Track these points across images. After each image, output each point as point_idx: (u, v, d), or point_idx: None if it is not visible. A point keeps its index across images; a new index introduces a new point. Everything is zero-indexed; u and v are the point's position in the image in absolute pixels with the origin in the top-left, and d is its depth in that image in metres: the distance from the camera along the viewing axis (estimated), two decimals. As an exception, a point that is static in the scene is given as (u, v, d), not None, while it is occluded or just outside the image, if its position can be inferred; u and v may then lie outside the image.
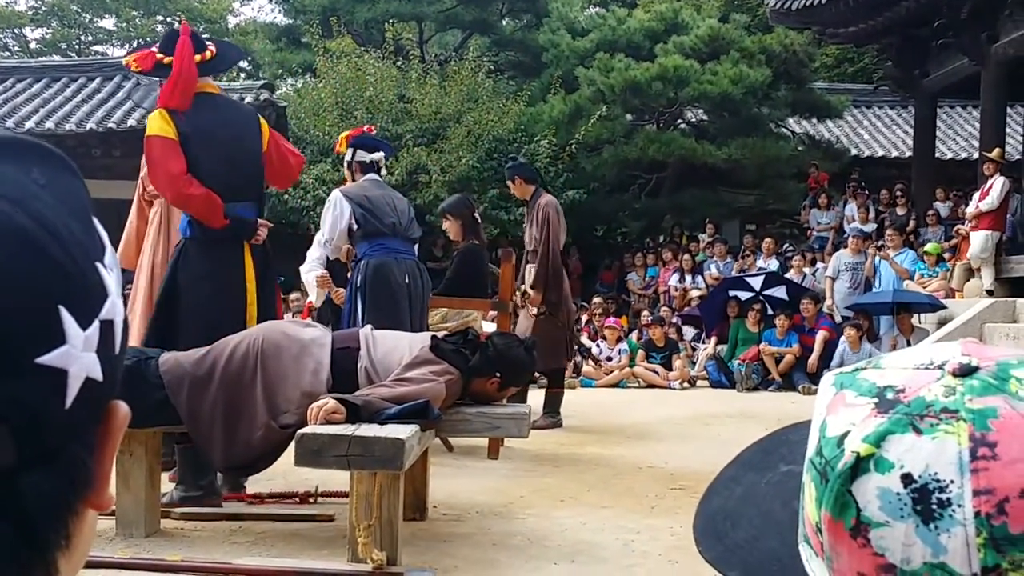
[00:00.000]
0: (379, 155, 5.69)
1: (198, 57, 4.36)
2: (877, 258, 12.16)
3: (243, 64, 26.79)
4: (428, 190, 13.81)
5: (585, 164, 15.65)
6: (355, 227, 5.31)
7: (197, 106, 4.34)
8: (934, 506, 0.55)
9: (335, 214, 5.34)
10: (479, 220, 6.92)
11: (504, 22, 20.06)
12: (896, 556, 0.56)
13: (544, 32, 17.77)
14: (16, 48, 27.84)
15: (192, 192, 4.26)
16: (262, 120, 4.70)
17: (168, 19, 28.01)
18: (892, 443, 0.57)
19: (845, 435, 0.59)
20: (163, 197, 4.78)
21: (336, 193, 5.49)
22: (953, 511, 0.55)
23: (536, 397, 6.84)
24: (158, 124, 4.29)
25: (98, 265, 0.49)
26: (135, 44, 27.13)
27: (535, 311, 7.07)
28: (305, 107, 15.89)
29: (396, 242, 5.39)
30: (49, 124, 14.54)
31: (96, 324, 0.48)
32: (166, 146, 4.26)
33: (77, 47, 27.40)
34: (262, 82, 16.69)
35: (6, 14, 27.24)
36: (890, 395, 0.59)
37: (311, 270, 5.48)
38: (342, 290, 5.74)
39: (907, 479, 0.56)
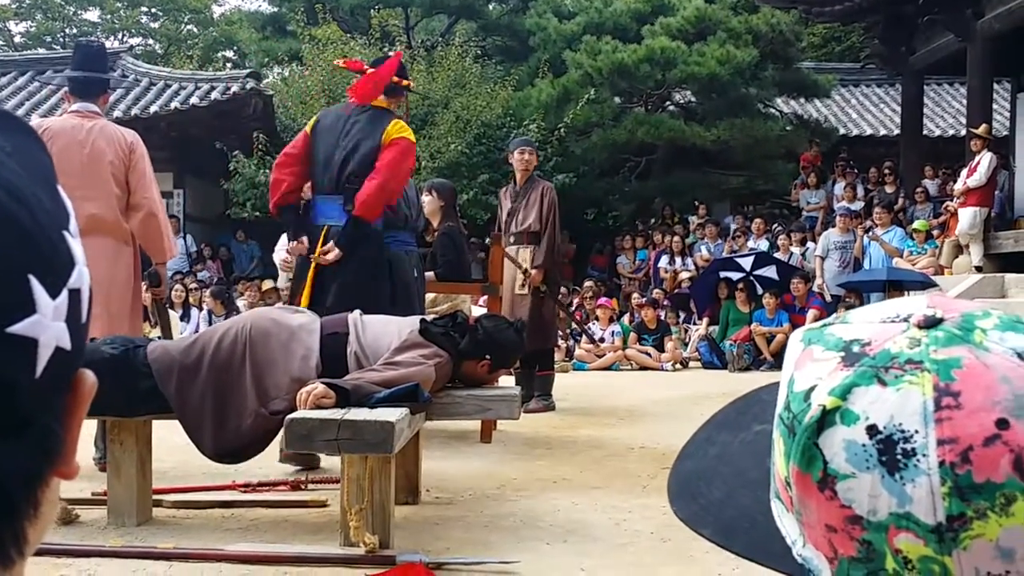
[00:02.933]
0: None
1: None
2: (866, 239, 12.19)
3: (229, 53, 26.70)
4: (417, 176, 13.78)
5: (574, 148, 15.63)
6: None
7: None
8: (899, 456, 0.55)
9: None
10: (457, 211, 6.92)
11: (490, 6, 20.00)
12: (863, 507, 0.56)
13: (531, 16, 17.73)
14: (0, 42, 27.67)
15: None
16: None
17: (152, 10, 27.85)
18: (857, 395, 0.57)
19: (812, 389, 0.59)
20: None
21: None
22: (918, 461, 0.55)
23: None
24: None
25: (65, 233, 0.49)
26: (120, 36, 27.00)
27: (522, 291, 7.07)
28: (292, 96, 15.84)
29: (405, 235, 5.37)
30: (35, 117, 14.47)
31: (65, 293, 0.48)
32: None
33: (62, 40, 27.19)
34: (248, 71, 16.62)
35: (-11, 8, 27.10)
36: (856, 348, 0.59)
37: (277, 251, 5.46)
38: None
39: (872, 430, 0.56)
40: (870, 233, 12.02)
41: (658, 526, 3.79)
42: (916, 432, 0.55)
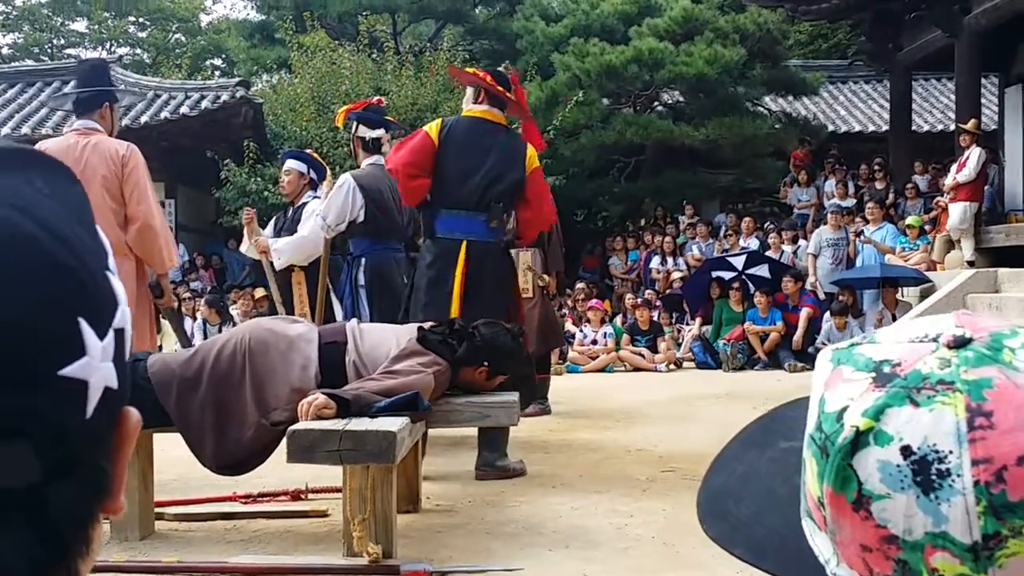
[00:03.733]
0: (379, 132, 5.58)
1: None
2: (858, 242, 12.22)
3: (217, 62, 26.66)
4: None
5: (563, 150, 15.65)
6: (359, 221, 5.26)
7: None
8: (934, 477, 0.56)
9: (346, 201, 5.24)
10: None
11: (477, 10, 20.02)
12: (898, 527, 0.57)
13: (518, 19, 17.75)
14: (-13, 54, 27.59)
15: None
16: None
17: (140, 20, 27.80)
18: (890, 416, 0.58)
19: (844, 410, 0.60)
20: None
21: (349, 179, 5.33)
22: (952, 481, 0.55)
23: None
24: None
25: (107, 273, 0.50)
26: (108, 46, 26.95)
27: (530, 294, 7.08)
28: (281, 103, 15.82)
29: (396, 242, 5.40)
30: (25, 129, 14.44)
31: (111, 333, 0.49)
32: None
33: (49, 51, 27.14)
34: (237, 79, 16.61)
35: (-25, 20, 27.01)
36: (887, 369, 0.60)
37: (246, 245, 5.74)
38: (264, 240, 5.78)
39: (906, 451, 0.57)
40: (861, 236, 12.05)
41: (660, 530, 3.79)
42: (950, 452, 0.56)
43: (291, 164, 6.57)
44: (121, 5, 26.72)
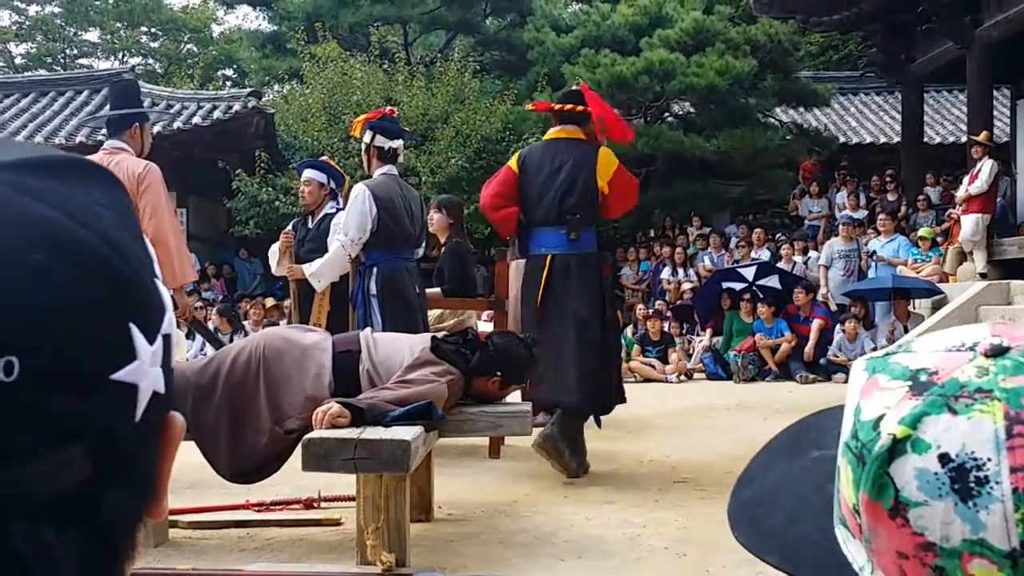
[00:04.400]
0: (398, 143, 5.61)
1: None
2: (869, 245, 12.20)
3: (229, 72, 26.77)
4: (418, 192, 13.81)
5: (574, 161, 15.65)
6: (372, 230, 5.29)
7: None
8: (972, 484, 0.56)
9: (363, 212, 5.27)
10: (464, 226, 6.88)
11: (488, 21, 20.07)
12: (935, 534, 0.57)
13: (529, 30, 17.78)
14: (1, 64, 27.75)
15: None
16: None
17: (152, 30, 27.94)
18: (928, 424, 0.58)
19: (880, 418, 0.60)
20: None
21: (364, 189, 5.36)
22: (991, 488, 0.56)
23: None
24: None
25: (156, 280, 0.51)
26: (120, 56, 27.09)
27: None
28: (293, 113, 15.88)
29: (407, 251, 5.43)
30: (38, 138, 14.52)
31: (160, 339, 0.50)
32: None
33: (62, 61, 27.29)
34: (249, 89, 16.67)
35: (-11, 30, 27.19)
36: (923, 377, 0.60)
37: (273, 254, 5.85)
38: (299, 268, 5.85)
39: (944, 459, 0.57)
40: (873, 256, 12.00)
41: (673, 541, 3.79)
42: (988, 460, 0.56)
43: (310, 174, 6.62)
44: (133, 15, 26.87)
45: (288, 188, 14.34)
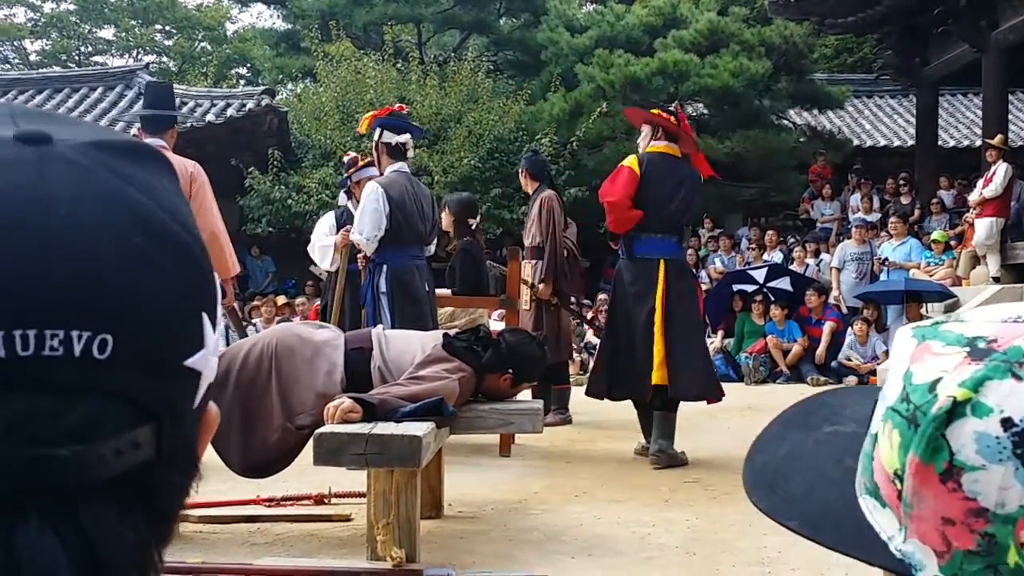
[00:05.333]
0: (406, 137, 5.62)
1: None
2: (881, 248, 12.16)
3: (243, 70, 26.84)
4: (430, 191, 13.83)
5: (587, 161, 15.64)
6: (383, 227, 5.30)
7: None
8: None
9: (376, 208, 5.30)
10: (471, 225, 6.78)
11: (502, 21, 20.06)
12: (990, 500, 0.57)
13: (542, 30, 17.76)
14: (16, 61, 27.86)
15: None
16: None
17: (166, 28, 28.02)
18: (990, 389, 0.58)
19: (937, 381, 0.60)
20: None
21: (376, 187, 5.37)
22: None
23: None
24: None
25: (213, 271, 0.53)
26: (134, 54, 27.19)
27: (526, 306, 7.08)
28: (306, 112, 15.90)
29: (417, 249, 5.45)
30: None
31: (220, 328, 0.52)
32: None
33: (77, 58, 27.39)
34: (263, 88, 16.71)
35: (5, 27, 27.25)
36: (982, 344, 0.60)
37: (320, 239, 5.86)
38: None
39: (1007, 423, 0.57)
40: (885, 262, 11.95)
41: (683, 540, 3.79)
42: None
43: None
44: (148, 13, 26.97)
45: (301, 186, 14.36)
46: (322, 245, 6.51)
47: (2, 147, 0.47)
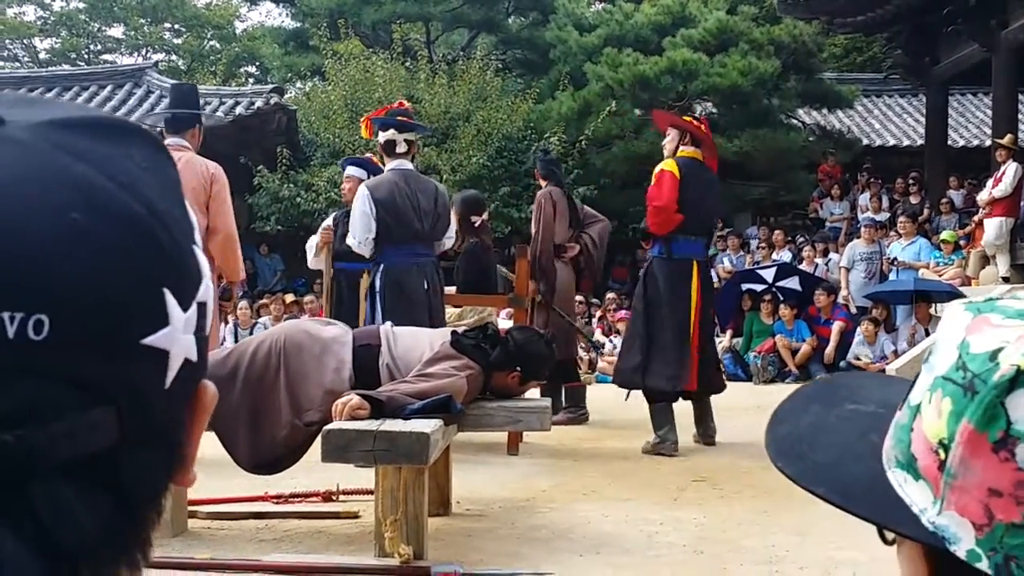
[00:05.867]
0: (390, 134, 5.61)
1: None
2: (890, 247, 12.12)
3: (251, 69, 26.88)
4: (432, 186, 13.83)
5: (595, 160, 15.64)
6: (373, 228, 5.31)
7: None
8: None
9: (363, 211, 5.33)
10: (476, 224, 6.71)
11: (511, 20, 20.06)
12: None
13: (551, 29, 17.76)
14: (26, 59, 27.94)
15: None
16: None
17: (175, 26, 28.07)
18: None
19: (999, 351, 0.59)
20: None
21: (363, 190, 5.41)
22: None
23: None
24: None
25: (194, 247, 0.51)
26: (144, 52, 27.25)
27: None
28: (315, 110, 15.92)
29: (418, 246, 5.43)
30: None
31: (194, 306, 0.49)
32: None
33: (86, 56, 27.45)
34: (271, 86, 16.72)
35: (15, 25, 27.33)
36: None
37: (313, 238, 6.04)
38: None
39: None
40: (895, 263, 11.90)
41: (692, 539, 3.78)
42: None
43: (351, 171, 6.96)
44: (157, 12, 27.02)
45: (309, 184, 14.38)
46: (310, 244, 7.12)
47: None
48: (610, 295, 13.48)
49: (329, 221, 7.16)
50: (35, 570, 0.43)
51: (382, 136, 5.59)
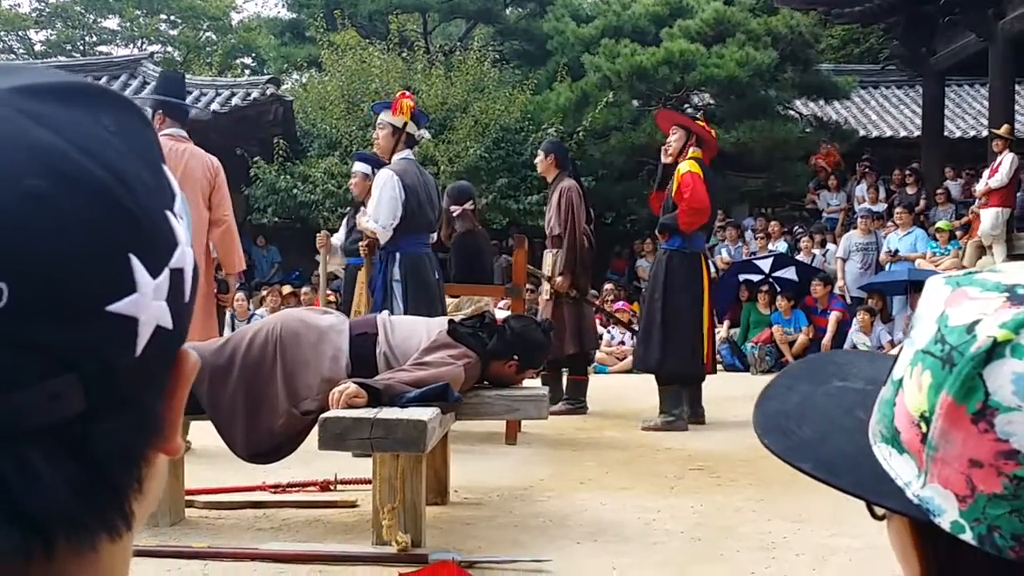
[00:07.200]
0: (424, 132, 5.71)
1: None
2: (887, 238, 12.13)
3: (248, 60, 26.81)
4: (436, 181, 13.81)
5: (593, 151, 15.61)
6: (399, 215, 5.29)
7: None
8: None
9: (393, 196, 5.28)
10: (456, 213, 6.70)
11: (508, 11, 20.02)
12: (1022, 442, 0.57)
13: (548, 20, 17.72)
14: (21, 50, 27.85)
15: None
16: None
17: (171, 17, 27.99)
18: None
19: (976, 323, 0.60)
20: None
21: (392, 175, 5.35)
22: None
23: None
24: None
25: (167, 213, 0.50)
26: (139, 43, 27.18)
27: (547, 296, 7.08)
28: (311, 101, 15.89)
29: (426, 236, 5.47)
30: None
31: (166, 272, 0.48)
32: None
33: (81, 48, 27.35)
34: (268, 77, 16.66)
35: (10, 17, 27.21)
36: (1021, 291, 0.60)
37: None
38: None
39: None
40: (894, 254, 11.88)
41: (689, 526, 3.79)
42: None
43: (358, 167, 6.94)
44: (153, 3, 26.93)
45: (306, 176, 14.35)
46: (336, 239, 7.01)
47: None
48: (608, 286, 13.47)
49: (324, 231, 7.04)
50: (8, 536, 0.43)
51: (417, 131, 5.64)
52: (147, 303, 0.47)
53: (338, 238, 6.96)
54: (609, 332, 11.72)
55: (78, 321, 0.44)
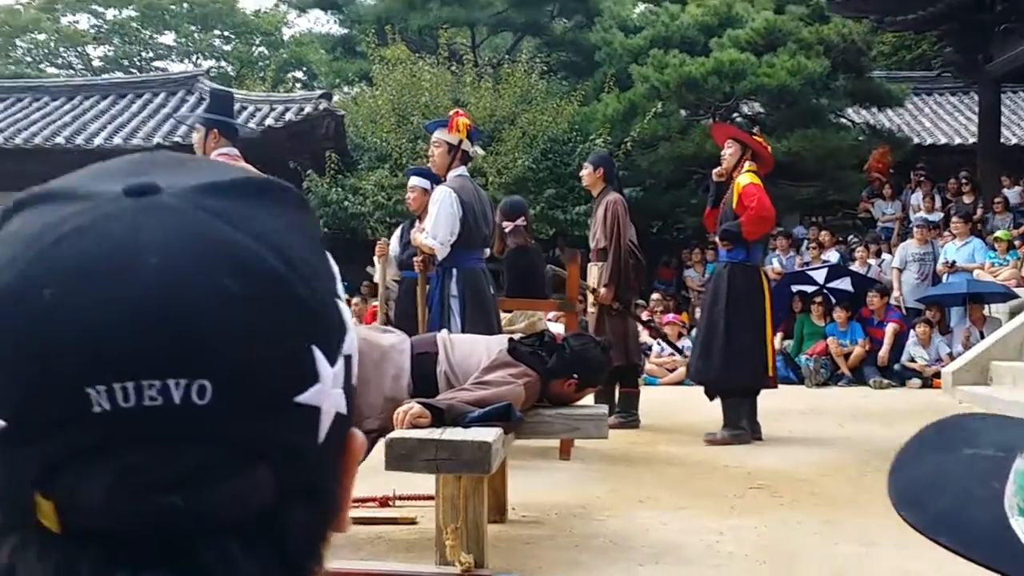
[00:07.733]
0: (478, 149, 5.73)
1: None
2: (944, 249, 11.92)
3: (299, 74, 27.13)
4: (486, 193, 13.86)
5: (641, 161, 15.58)
6: (456, 231, 5.33)
7: None
8: None
9: (451, 213, 5.32)
10: (508, 229, 6.71)
11: (555, 23, 20.05)
12: None
13: (596, 31, 17.72)
14: (79, 66, 28.45)
15: None
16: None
17: (224, 32, 28.43)
18: None
19: None
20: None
21: (449, 192, 5.39)
22: None
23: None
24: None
25: (336, 299, 0.51)
26: (194, 58, 27.63)
27: (593, 308, 7.08)
28: (362, 115, 16.03)
29: (481, 252, 5.49)
30: (117, 140, 14.85)
31: (341, 360, 0.50)
32: None
33: (138, 63, 27.89)
34: (320, 92, 16.86)
35: (69, 33, 27.84)
36: None
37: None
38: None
39: None
40: (953, 266, 11.64)
41: (753, 548, 3.75)
42: None
43: (415, 181, 6.93)
44: (207, 19, 27.37)
45: (357, 188, 14.48)
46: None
47: (108, 202, 0.47)
48: (655, 296, 13.40)
49: (383, 238, 7.15)
50: None
51: (469, 147, 5.67)
52: (328, 391, 0.49)
53: (393, 249, 7.04)
54: (659, 343, 11.66)
55: (272, 414, 0.46)
